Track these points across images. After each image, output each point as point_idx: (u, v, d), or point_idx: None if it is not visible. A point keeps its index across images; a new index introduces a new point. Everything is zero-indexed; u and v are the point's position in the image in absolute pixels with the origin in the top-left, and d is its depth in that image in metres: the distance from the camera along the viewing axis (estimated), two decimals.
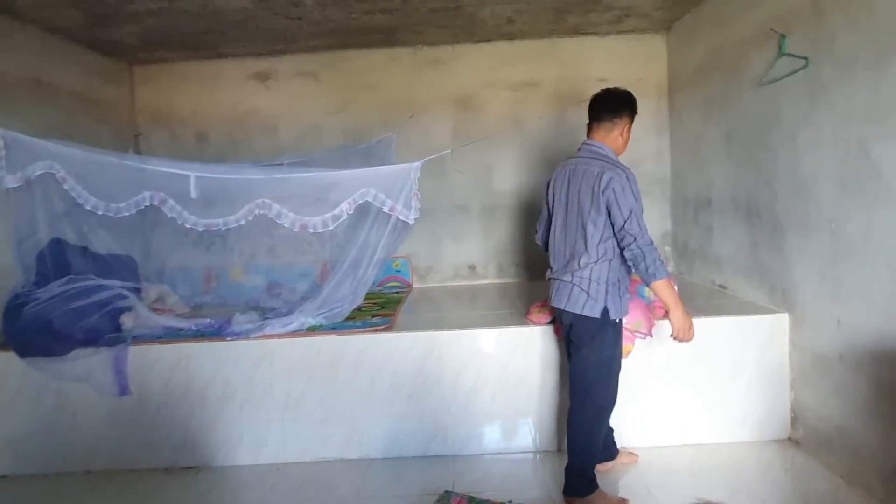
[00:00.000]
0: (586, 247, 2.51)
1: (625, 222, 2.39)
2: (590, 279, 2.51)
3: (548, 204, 2.81)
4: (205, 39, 4.27)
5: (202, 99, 4.92)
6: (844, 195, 2.64)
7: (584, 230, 2.51)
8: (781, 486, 2.80)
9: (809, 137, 2.87)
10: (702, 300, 3.62)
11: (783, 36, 2.97)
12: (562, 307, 2.60)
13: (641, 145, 4.78)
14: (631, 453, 3.06)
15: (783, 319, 3.13)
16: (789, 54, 2.92)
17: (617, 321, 2.57)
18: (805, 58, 2.82)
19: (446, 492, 2.72)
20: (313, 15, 3.82)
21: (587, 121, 2.67)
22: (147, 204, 3.15)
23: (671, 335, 2.56)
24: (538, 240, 3.02)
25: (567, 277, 2.57)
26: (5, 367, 3.16)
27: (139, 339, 3.25)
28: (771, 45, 3.10)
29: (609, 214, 2.45)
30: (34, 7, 3.39)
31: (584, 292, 2.52)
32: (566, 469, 2.68)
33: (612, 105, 2.60)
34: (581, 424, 2.64)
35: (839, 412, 2.77)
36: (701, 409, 3.18)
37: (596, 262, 2.50)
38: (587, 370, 2.61)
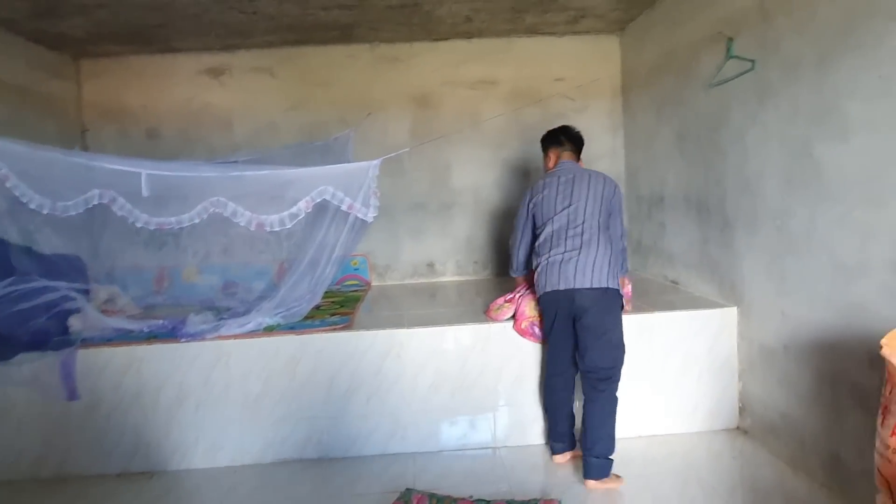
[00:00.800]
0: (601, 235, 2.83)
1: (622, 225, 2.94)
2: (609, 260, 2.80)
3: (532, 213, 3.02)
4: (156, 33, 4.16)
5: (153, 94, 4.79)
6: (789, 192, 2.75)
7: (598, 222, 2.84)
8: (730, 473, 2.90)
9: (756, 137, 2.98)
10: (655, 295, 3.71)
11: (731, 39, 3.07)
12: (587, 286, 2.74)
13: (596, 143, 4.86)
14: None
15: (732, 313, 3.25)
16: (737, 57, 3.02)
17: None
18: (752, 60, 2.92)
19: (407, 489, 2.72)
20: (268, 10, 3.76)
21: (547, 146, 3.14)
22: (96, 202, 3.05)
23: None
24: (521, 256, 3.19)
25: (591, 254, 2.77)
26: None
27: (88, 342, 3.14)
28: (720, 48, 3.20)
29: (610, 215, 2.88)
30: None
31: (604, 268, 2.77)
32: (593, 455, 2.73)
33: (578, 140, 3.09)
34: (609, 408, 2.79)
35: (784, 401, 2.89)
36: (654, 401, 3.26)
37: (609, 248, 2.82)
38: (612, 353, 2.79)
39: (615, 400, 2.81)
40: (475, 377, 3.22)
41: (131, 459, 3.13)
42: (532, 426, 3.25)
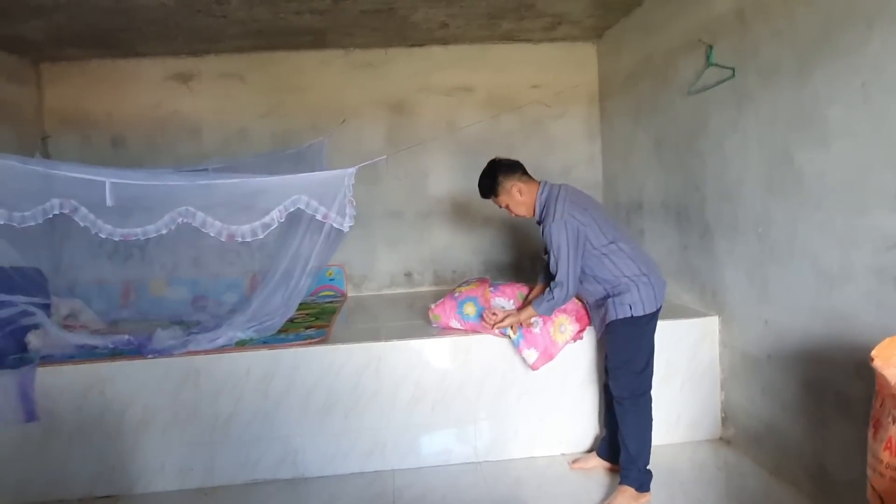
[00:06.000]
0: None
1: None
2: None
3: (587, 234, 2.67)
4: (119, 37, 4.01)
5: (118, 100, 4.63)
6: (770, 199, 2.73)
7: None
8: (715, 484, 2.87)
9: (736, 144, 2.96)
10: None
11: (710, 47, 3.05)
12: None
13: (573, 150, 4.85)
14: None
15: (713, 322, 3.22)
16: (717, 64, 3.01)
17: None
18: (732, 68, 2.91)
19: None
20: (238, 14, 3.65)
21: (518, 171, 2.83)
22: (56, 212, 2.90)
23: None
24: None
25: None
26: None
27: (48, 360, 2.99)
28: (698, 54, 3.19)
29: None
30: None
31: None
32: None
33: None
34: None
35: (768, 410, 2.86)
36: None
37: None
38: None
39: None
40: (456, 390, 3.13)
41: (94, 484, 2.97)
42: (514, 439, 3.18)
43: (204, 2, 3.41)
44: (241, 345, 3.11)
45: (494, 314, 3.00)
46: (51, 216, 2.90)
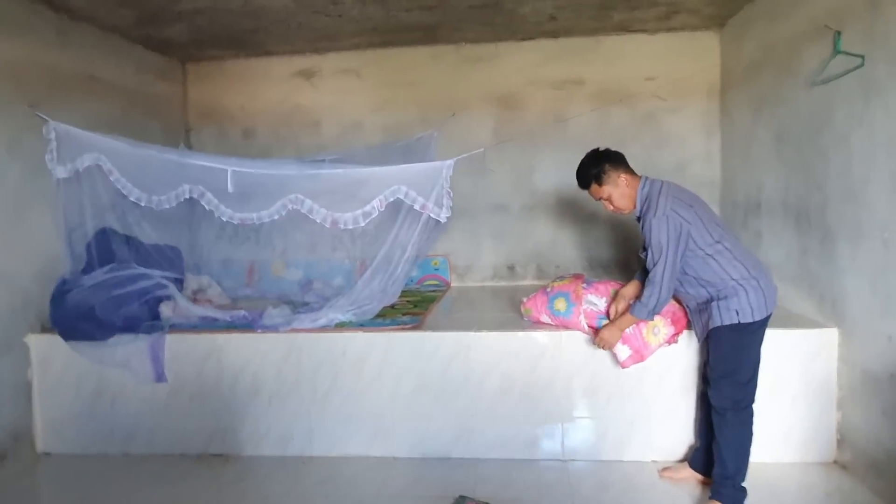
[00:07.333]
0: None
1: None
2: None
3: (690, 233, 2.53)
4: (251, 38, 4.36)
5: (250, 95, 5.03)
6: None
7: None
8: None
9: (862, 140, 2.69)
10: None
11: (839, 33, 2.79)
12: None
13: (689, 146, 4.61)
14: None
15: (831, 334, 2.95)
16: (845, 52, 2.74)
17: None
18: (861, 56, 2.64)
19: (461, 496, 2.68)
20: (353, 13, 3.84)
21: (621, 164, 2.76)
22: (186, 197, 3.25)
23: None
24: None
25: None
26: (51, 350, 3.32)
27: (176, 328, 3.35)
28: (824, 43, 2.92)
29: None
30: (88, 6, 3.53)
31: None
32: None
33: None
34: None
35: (889, 435, 2.59)
36: None
37: None
38: None
39: None
40: (544, 385, 3.12)
41: (210, 442, 3.30)
42: (602, 441, 3.11)
43: (321, 2, 3.62)
44: (340, 326, 3.30)
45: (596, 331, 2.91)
46: (181, 199, 3.25)
